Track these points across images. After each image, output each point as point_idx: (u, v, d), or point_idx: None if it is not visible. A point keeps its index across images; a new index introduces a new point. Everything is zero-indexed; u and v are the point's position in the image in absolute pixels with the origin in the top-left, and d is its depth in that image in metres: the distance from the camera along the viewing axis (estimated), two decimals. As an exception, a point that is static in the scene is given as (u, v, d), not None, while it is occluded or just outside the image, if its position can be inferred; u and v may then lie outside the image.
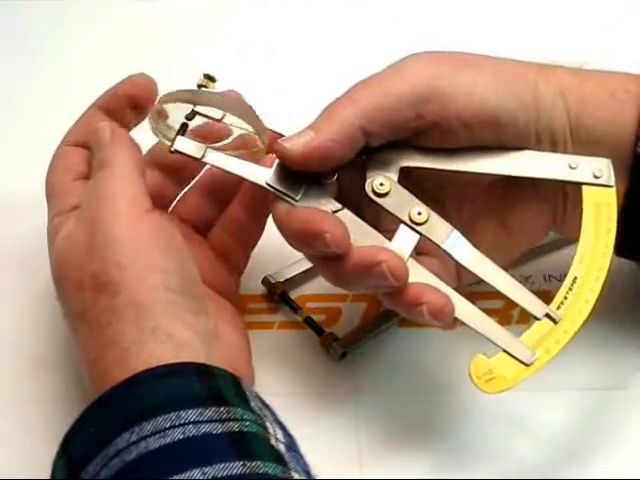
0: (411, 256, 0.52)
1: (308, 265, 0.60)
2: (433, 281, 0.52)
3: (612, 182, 0.53)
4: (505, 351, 0.51)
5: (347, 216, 0.53)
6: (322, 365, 0.58)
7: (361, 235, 0.52)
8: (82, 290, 0.50)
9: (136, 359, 0.48)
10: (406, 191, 0.53)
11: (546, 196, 0.55)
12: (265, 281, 0.60)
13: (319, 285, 0.61)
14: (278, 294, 0.60)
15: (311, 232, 0.51)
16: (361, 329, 0.59)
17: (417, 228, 0.53)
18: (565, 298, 0.52)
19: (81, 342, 0.51)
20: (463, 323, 0.51)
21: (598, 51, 0.70)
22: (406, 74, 0.52)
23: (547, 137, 0.53)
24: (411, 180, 0.54)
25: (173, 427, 0.44)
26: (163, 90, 0.55)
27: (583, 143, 0.53)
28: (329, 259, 0.52)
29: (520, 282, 0.53)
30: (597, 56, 0.55)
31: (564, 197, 0.55)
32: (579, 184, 0.53)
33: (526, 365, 0.50)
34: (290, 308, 0.60)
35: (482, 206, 0.55)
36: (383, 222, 0.54)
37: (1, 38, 0.75)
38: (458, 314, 0.51)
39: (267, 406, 0.48)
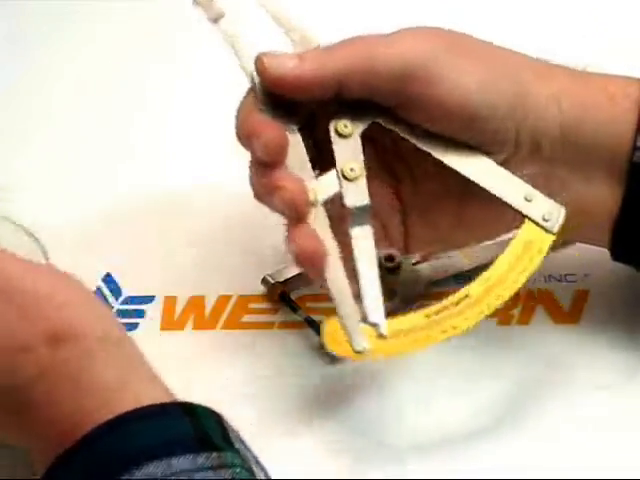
0: (327, 202, 0.52)
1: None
2: (327, 234, 0.52)
3: (555, 230, 0.53)
4: (343, 326, 0.51)
5: (296, 141, 0.52)
6: (321, 365, 0.58)
7: (297, 163, 0.52)
8: (31, 351, 0.46)
9: (121, 400, 0.45)
10: (360, 145, 0.53)
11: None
12: (265, 281, 0.60)
13: (319, 285, 0.61)
14: (278, 294, 0.60)
15: (252, 130, 0.51)
16: (361, 329, 0.59)
17: (341, 181, 0.52)
18: (445, 308, 0.52)
19: (42, 407, 0.46)
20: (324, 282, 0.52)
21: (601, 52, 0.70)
22: (400, 46, 0.52)
23: (528, 140, 0.53)
24: (377, 143, 0.54)
25: (165, 476, 0.42)
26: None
27: (579, 146, 0.53)
28: (258, 165, 0.52)
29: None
30: (600, 58, 0.55)
31: None
32: (525, 216, 0.53)
33: (357, 352, 0.50)
34: (290, 308, 0.60)
35: (440, 192, 0.55)
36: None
37: (1, 38, 0.75)
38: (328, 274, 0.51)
39: (244, 443, 0.46)
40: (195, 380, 0.56)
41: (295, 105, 0.52)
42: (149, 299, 0.60)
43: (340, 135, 0.53)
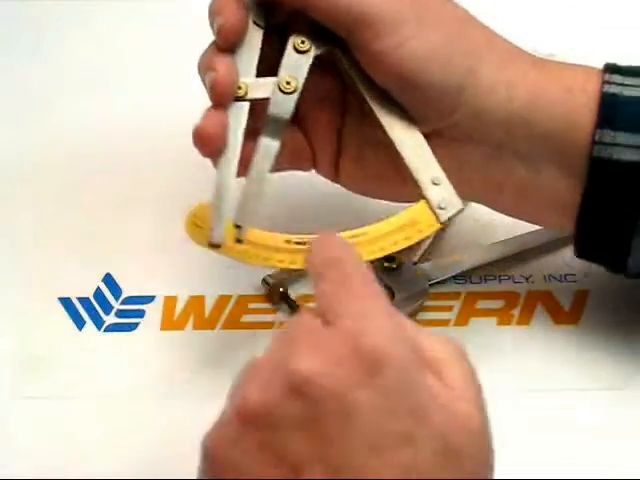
0: (255, 103, 0.53)
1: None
2: (237, 130, 0.53)
3: (442, 220, 0.53)
4: (211, 216, 0.52)
5: (256, 36, 0.53)
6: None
7: (246, 56, 0.53)
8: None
9: None
10: (308, 66, 0.53)
11: None
12: (265, 281, 0.60)
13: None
14: (278, 294, 0.60)
15: (218, 9, 0.52)
16: (361, 329, 0.58)
17: (275, 89, 0.53)
18: (306, 243, 0.53)
19: None
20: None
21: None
22: None
23: (468, 121, 0.52)
24: (337, 72, 0.54)
25: None
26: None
27: (528, 136, 0.53)
28: (213, 43, 0.53)
29: (520, 282, 0.53)
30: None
31: None
32: (423, 197, 0.53)
33: (212, 244, 0.52)
34: (290, 308, 0.60)
35: (377, 138, 0.55)
36: None
37: (2, 38, 0.75)
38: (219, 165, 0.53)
39: None
40: (195, 380, 0.57)
41: (273, 5, 0.53)
42: (149, 299, 0.60)
43: (295, 49, 0.53)
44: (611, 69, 0.53)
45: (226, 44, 0.53)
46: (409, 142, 0.53)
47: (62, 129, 0.69)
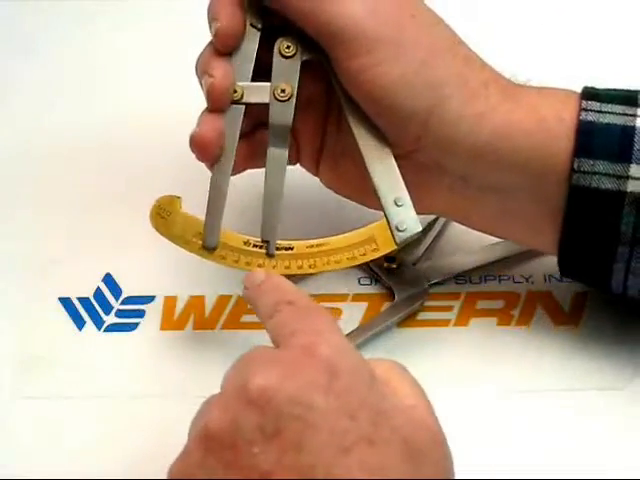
0: (249, 105, 0.54)
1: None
2: (234, 134, 0.54)
3: (398, 242, 0.53)
4: (205, 222, 0.54)
5: (253, 39, 0.53)
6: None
7: (243, 59, 0.53)
8: None
9: None
10: (298, 70, 0.54)
11: None
12: (265, 281, 0.60)
13: (319, 285, 0.61)
14: (278, 294, 0.60)
15: (216, 13, 0.53)
16: (361, 329, 0.59)
17: (271, 98, 0.54)
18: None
19: None
20: None
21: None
22: (346, 6, 0.51)
23: (434, 152, 0.53)
24: (320, 73, 0.54)
25: None
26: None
27: (504, 168, 0.53)
28: (211, 45, 0.54)
29: (520, 282, 0.53)
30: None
31: None
32: (384, 216, 0.54)
33: (206, 249, 0.55)
34: (290, 308, 0.60)
35: (347, 146, 0.55)
36: None
37: (5, 38, 0.75)
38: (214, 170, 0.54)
39: None
40: (195, 380, 0.56)
41: (269, 8, 0.53)
42: (149, 299, 0.60)
43: (282, 55, 0.54)
44: (588, 95, 0.53)
45: (223, 48, 0.53)
46: (378, 160, 0.54)
47: (62, 129, 0.69)
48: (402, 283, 0.60)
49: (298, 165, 0.58)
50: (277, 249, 0.55)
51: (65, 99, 0.71)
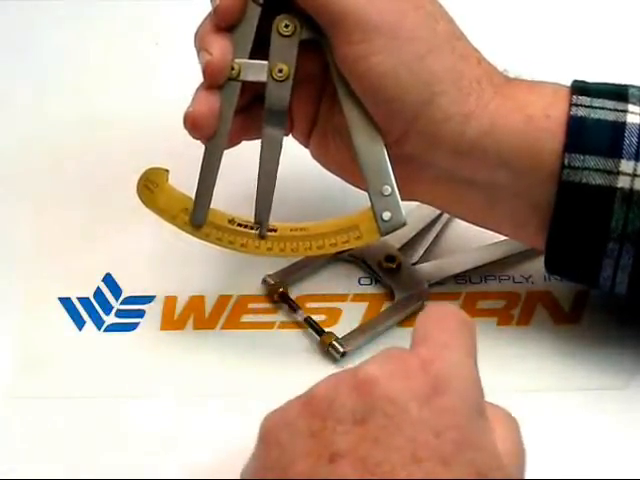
0: (244, 82, 0.54)
1: (308, 265, 0.60)
2: (228, 112, 0.54)
3: (382, 232, 0.54)
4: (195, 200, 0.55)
5: (254, 15, 0.53)
6: (322, 365, 0.58)
7: (243, 35, 0.53)
8: None
9: None
10: (296, 50, 0.53)
11: None
12: (265, 281, 0.60)
13: (319, 285, 0.61)
14: (278, 294, 0.60)
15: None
16: (361, 329, 0.59)
17: (268, 78, 0.54)
18: (250, 226, 0.55)
19: None
20: None
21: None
22: None
23: (420, 145, 0.53)
24: (318, 51, 0.54)
25: None
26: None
27: (492, 165, 0.53)
28: (210, 19, 0.54)
29: (520, 282, 0.53)
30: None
31: None
32: (371, 206, 0.54)
33: (194, 226, 0.55)
34: (290, 308, 0.60)
35: (338, 127, 0.55)
36: None
37: (3, 38, 0.75)
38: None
39: None
40: (195, 380, 0.57)
41: None
42: (149, 299, 0.60)
43: (280, 34, 0.53)
44: (579, 90, 0.53)
45: (223, 23, 0.53)
46: (368, 147, 0.54)
47: (62, 129, 0.69)
48: (402, 283, 0.60)
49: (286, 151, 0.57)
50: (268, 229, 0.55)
51: (65, 98, 0.71)
